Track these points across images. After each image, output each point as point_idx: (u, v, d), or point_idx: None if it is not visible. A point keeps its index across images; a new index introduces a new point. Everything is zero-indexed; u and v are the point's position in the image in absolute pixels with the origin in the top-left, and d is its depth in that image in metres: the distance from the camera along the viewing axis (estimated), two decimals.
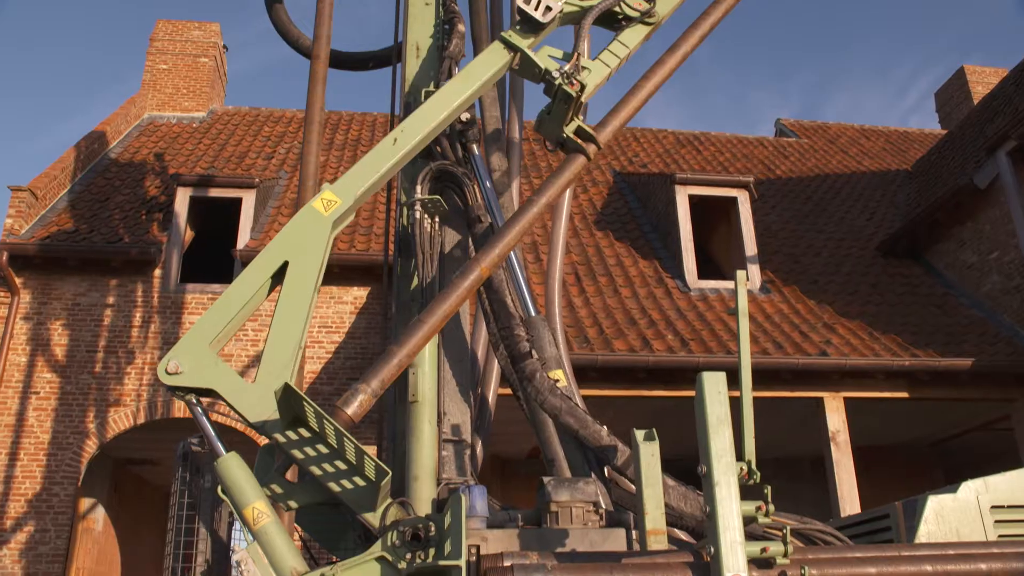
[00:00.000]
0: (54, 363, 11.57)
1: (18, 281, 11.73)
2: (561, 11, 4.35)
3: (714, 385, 2.92)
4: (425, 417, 3.65)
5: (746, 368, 3.22)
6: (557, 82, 4.10)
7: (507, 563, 2.97)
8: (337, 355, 11.77)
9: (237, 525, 3.57)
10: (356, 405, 3.20)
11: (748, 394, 3.19)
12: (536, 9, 4.26)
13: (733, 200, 13.17)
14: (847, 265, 13.76)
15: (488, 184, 4.51)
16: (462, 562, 2.93)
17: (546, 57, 4.28)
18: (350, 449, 3.11)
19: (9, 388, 11.37)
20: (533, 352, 3.81)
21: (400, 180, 4.83)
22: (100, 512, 12.39)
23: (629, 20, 4.56)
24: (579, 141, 4.17)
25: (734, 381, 2.97)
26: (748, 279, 11.30)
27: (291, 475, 3.49)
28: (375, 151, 3.94)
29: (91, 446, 11.19)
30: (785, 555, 2.90)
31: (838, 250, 14.30)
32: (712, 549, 2.75)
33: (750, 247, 12.87)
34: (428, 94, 4.55)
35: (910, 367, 10.90)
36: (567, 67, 4.15)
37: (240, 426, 11.29)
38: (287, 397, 3.08)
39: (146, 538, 14.78)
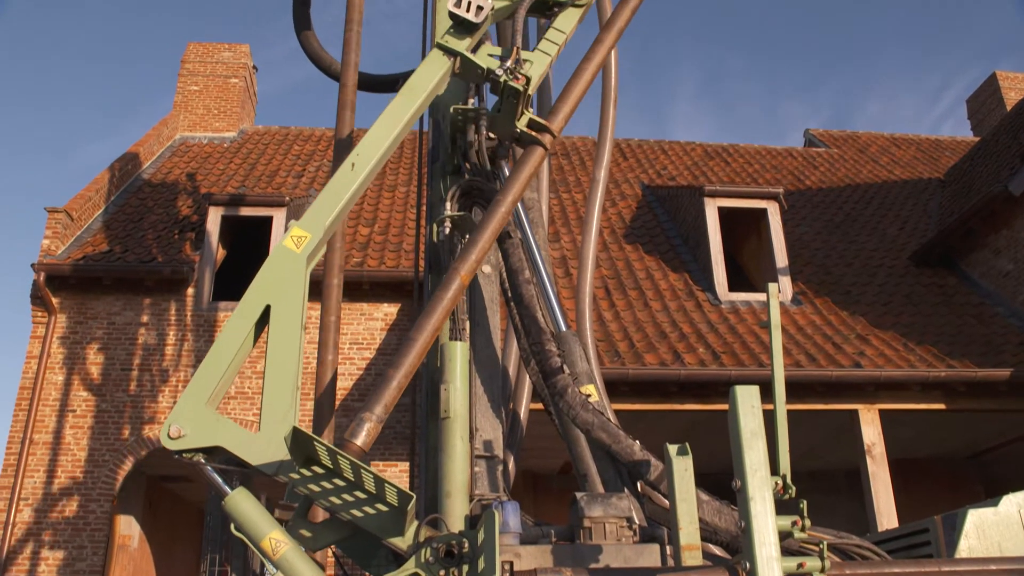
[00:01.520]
0: (90, 381, 11.72)
1: (55, 301, 11.91)
2: (493, 8, 4.36)
3: (747, 399, 2.90)
4: (457, 433, 3.65)
5: (780, 381, 3.19)
6: (502, 79, 4.11)
7: None
8: (368, 371, 11.81)
9: None
10: (364, 435, 3.22)
11: (782, 407, 3.16)
12: (468, 11, 4.26)
13: (763, 211, 13.09)
14: (880, 275, 13.62)
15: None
16: None
17: (486, 57, 4.29)
18: (368, 480, 3.11)
19: (46, 406, 11.53)
20: (564, 367, 3.81)
21: (429, 197, 4.85)
22: (135, 529, 12.50)
23: (560, 5, 4.59)
24: (534, 134, 4.18)
25: (767, 394, 2.95)
26: (780, 291, 11.22)
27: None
28: (335, 180, 3.93)
29: (127, 464, 11.30)
30: (822, 570, 2.87)
31: (870, 260, 14.16)
32: (748, 565, 2.72)
33: (781, 259, 12.78)
34: (455, 112, 4.59)
35: (946, 378, 10.74)
36: (509, 63, 4.17)
37: None
38: (297, 440, 3.07)
39: (180, 555, 14.88)
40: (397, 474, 11.10)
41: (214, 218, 12.63)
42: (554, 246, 13.36)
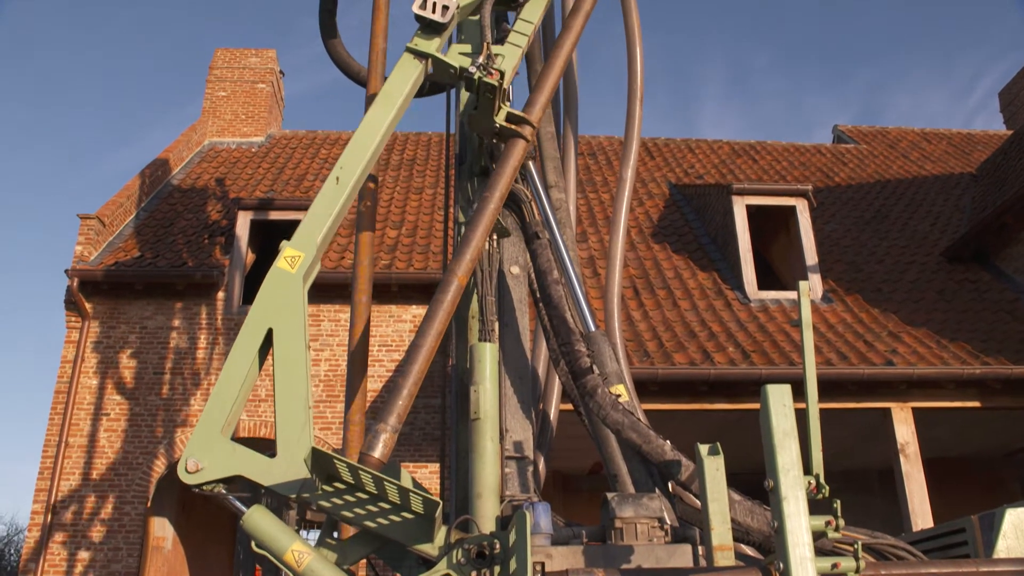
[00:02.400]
0: (123, 385, 11.86)
1: (88, 306, 12.07)
2: (458, 6, 4.36)
3: (779, 398, 2.88)
4: (487, 434, 3.66)
5: (811, 379, 3.17)
6: (476, 76, 4.12)
7: None
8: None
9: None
10: (381, 446, 3.24)
11: (814, 406, 3.13)
12: (434, 11, 4.26)
13: (792, 209, 12.99)
14: (911, 272, 13.47)
15: (545, 200, 4.52)
16: None
17: (457, 55, 4.30)
18: (392, 490, 3.12)
19: (81, 410, 11.69)
20: (594, 367, 3.80)
21: (457, 198, 4.86)
22: (169, 531, 12.62)
23: None
24: (513, 127, 4.18)
25: (798, 393, 2.92)
26: (810, 289, 11.12)
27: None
28: (321, 195, 3.95)
29: (159, 466, 11.43)
30: (857, 571, 2.84)
31: (902, 257, 14.00)
32: (781, 565, 2.70)
33: (810, 256, 12.67)
34: None
35: (981, 375, 10.60)
36: (480, 59, 4.17)
37: None
38: (317, 460, 3.09)
39: (213, 556, 15.01)
40: (427, 476, 11.13)
41: (243, 222, 12.74)
42: (582, 246, 13.34)
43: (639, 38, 5.84)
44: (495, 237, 4.39)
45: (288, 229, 13.21)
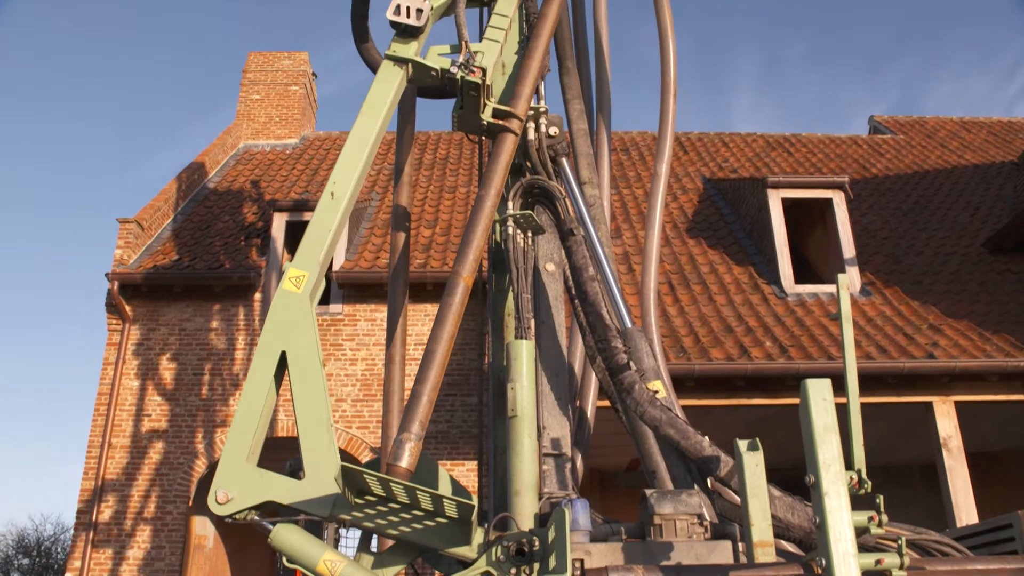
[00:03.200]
0: (163, 386, 12.02)
1: (128, 309, 12.25)
2: (431, 8, 4.34)
3: (819, 392, 2.85)
4: (525, 431, 3.65)
5: (852, 373, 3.13)
6: (459, 75, 4.11)
7: None
8: None
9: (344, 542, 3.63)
10: (407, 455, 3.26)
11: (855, 400, 3.10)
12: (408, 16, 4.25)
13: (828, 201, 12.85)
14: (952, 263, 13.25)
15: (579, 196, 4.51)
16: None
17: (436, 57, 4.29)
18: (424, 498, 3.13)
19: (123, 411, 11.87)
20: (631, 363, 3.79)
21: None
22: (211, 529, 12.77)
23: None
24: (500, 122, 4.17)
25: (838, 387, 2.89)
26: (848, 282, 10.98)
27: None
28: (318, 213, 3.95)
29: (200, 466, 11.57)
30: (901, 567, 2.81)
31: (942, 248, 13.78)
32: (823, 561, 2.67)
33: (848, 249, 12.52)
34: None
35: None
36: (460, 58, 4.16)
37: (339, 443, 11.51)
38: (347, 477, 3.11)
39: (254, 555, 15.16)
40: (465, 473, 11.16)
41: (279, 224, 12.85)
42: (616, 243, 13.29)
43: (672, 33, 5.80)
44: (530, 234, 4.39)
45: None
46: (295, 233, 13.14)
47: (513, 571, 3.08)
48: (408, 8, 4.26)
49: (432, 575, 3.49)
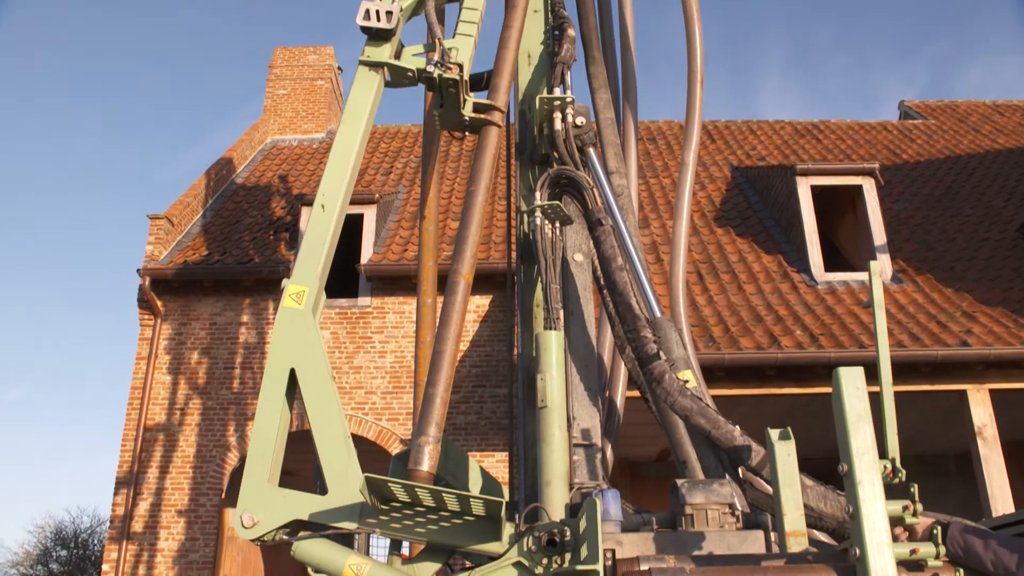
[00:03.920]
0: (195, 380, 12.15)
1: (160, 304, 12.38)
2: (401, 9, 4.33)
3: (852, 380, 2.82)
4: (555, 422, 3.65)
5: (885, 361, 3.10)
6: (436, 74, 4.10)
7: (644, 567, 2.94)
8: (462, 363, 11.93)
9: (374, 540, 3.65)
10: (427, 459, 3.29)
11: (889, 388, 3.06)
12: (378, 19, 4.24)
13: (858, 188, 12.71)
14: (986, 249, 13.07)
15: (606, 186, 4.49)
16: (599, 566, 2.91)
17: (411, 58, 4.30)
18: (451, 500, 3.13)
19: (156, 405, 12.02)
20: (661, 353, 3.77)
21: (519, 187, 4.86)
22: None
23: None
24: (482, 116, 4.17)
25: (870, 376, 2.86)
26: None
27: None
28: (311, 227, 3.96)
29: (232, 458, 11.69)
30: (937, 556, 2.78)
31: (975, 234, 13.59)
32: (857, 551, 2.65)
33: (879, 236, 12.38)
34: (541, 101, 4.58)
35: None
36: (435, 57, 4.15)
37: (369, 435, 11.58)
38: (372, 488, 3.11)
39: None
40: (495, 464, 11.19)
41: (307, 217, 12.90)
42: (644, 232, 13.23)
43: (698, 19, 5.76)
44: (558, 225, 4.38)
45: (351, 222, 13.35)
46: None
47: (544, 561, 3.08)
48: (378, 12, 4.26)
49: (462, 564, 3.50)
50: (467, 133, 4.49)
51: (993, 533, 2.89)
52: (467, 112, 4.28)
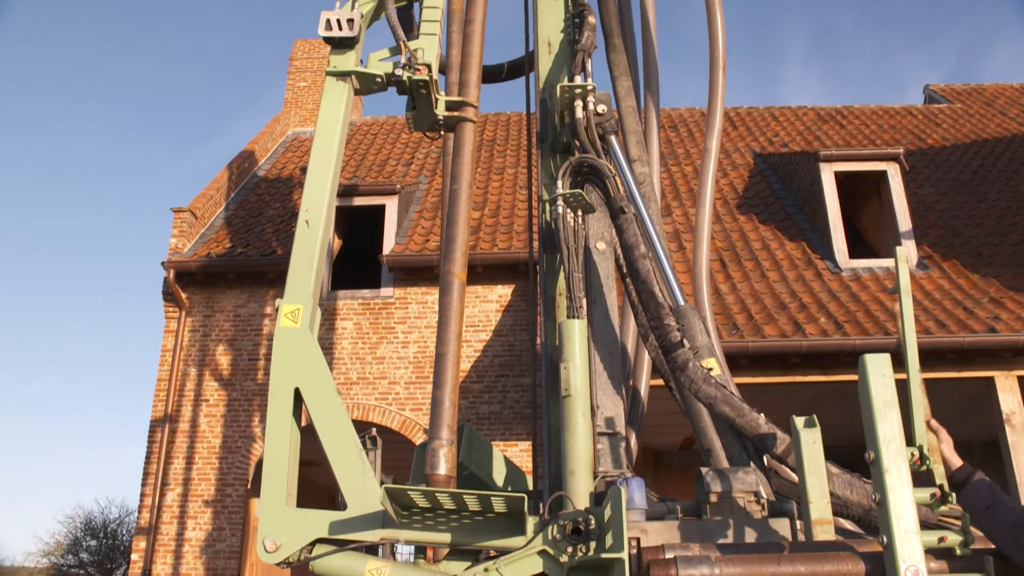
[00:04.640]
0: (220, 372, 12.24)
1: (184, 296, 12.48)
2: (362, 16, 4.32)
3: (878, 367, 2.80)
4: (579, 411, 3.65)
5: (912, 347, 3.07)
6: (405, 76, 4.08)
7: (669, 555, 2.94)
8: (485, 353, 11.95)
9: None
10: (443, 462, 3.34)
11: (916, 375, 3.04)
12: (340, 28, 4.23)
13: (883, 174, 12.59)
14: (1014, 234, 12.90)
15: (628, 174, 4.47)
16: (624, 555, 2.91)
17: (378, 63, 4.29)
18: (472, 501, 3.14)
19: (182, 397, 12.13)
20: (684, 341, 3.75)
21: (541, 176, 4.85)
22: None
23: None
24: (456, 113, 4.17)
25: (895, 363, 2.84)
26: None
27: None
28: (298, 244, 3.95)
29: (257, 449, 11.78)
30: (965, 545, 2.75)
31: (1002, 219, 13.43)
32: (885, 539, 2.63)
33: (904, 222, 12.26)
34: (562, 89, 4.56)
35: None
36: (402, 59, 4.14)
37: (393, 425, 11.63)
38: (393, 498, 3.12)
39: None
40: (519, 454, 11.20)
41: None
42: (666, 220, 13.18)
43: (719, 5, 5.71)
44: (580, 213, 4.37)
45: (373, 214, 13.39)
46: (345, 218, 13.26)
47: (569, 550, 3.09)
48: (339, 20, 4.26)
49: (487, 554, 3.52)
50: (443, 132, 4.49)
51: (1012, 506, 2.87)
52: (440, 111, 4.29)
